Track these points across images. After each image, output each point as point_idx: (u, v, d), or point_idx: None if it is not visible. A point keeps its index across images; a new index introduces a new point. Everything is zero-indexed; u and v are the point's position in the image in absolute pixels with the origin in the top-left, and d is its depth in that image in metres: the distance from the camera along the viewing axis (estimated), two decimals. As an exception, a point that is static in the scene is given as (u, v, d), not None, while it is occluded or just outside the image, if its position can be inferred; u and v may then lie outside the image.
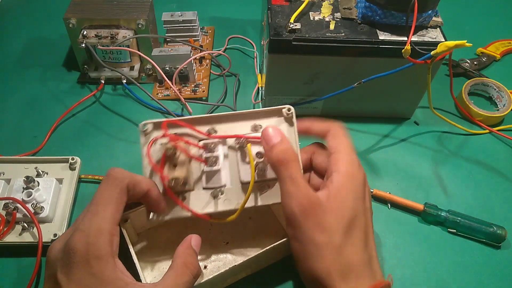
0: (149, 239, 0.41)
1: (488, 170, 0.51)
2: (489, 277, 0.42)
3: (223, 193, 0.37)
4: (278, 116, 0.38)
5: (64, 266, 0.29)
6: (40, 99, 0.56)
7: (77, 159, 0.46)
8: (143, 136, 0.36)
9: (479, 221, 0.45)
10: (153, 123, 0.36)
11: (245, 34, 0.66)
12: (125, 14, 0.54)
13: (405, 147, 0.53)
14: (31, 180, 0.42)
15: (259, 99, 0.55)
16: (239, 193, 0.37)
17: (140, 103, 0.56)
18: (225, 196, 0.37)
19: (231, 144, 0.37)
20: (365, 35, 0.46)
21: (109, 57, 0.55)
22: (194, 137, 0.37)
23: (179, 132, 0.37)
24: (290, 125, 0.38)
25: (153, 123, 0.36)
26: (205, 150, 0.36)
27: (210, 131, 0.37)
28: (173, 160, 0.35)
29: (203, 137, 0.37)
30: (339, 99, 0.51)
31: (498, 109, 0.57)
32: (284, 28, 0.47)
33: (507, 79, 0.60)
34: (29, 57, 0.62)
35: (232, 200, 0.37)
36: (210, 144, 0.36)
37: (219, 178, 0.37)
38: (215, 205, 0.37)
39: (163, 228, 0.42)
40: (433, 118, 0.56)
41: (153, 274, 0.40)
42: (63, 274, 0.29)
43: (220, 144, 0.37)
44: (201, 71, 0.60)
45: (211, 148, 0.36)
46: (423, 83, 0.50)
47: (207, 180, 0.37)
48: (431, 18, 0.48)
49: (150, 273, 0.40)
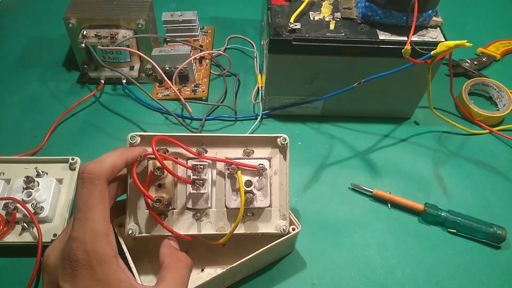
0: (145, 243, 0.41)
1: (488, 170, 0.51)
2: (489, 277, 0.42)
3: (206, 215, 0.36)
4: (272, 146, 0.37)
5: (66, 274, 0.29)
6: (40, 99, 0.56)
7: (77, 159, 0.46)
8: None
9: (479, 221, 0.45)
10: (141, 135, 0.35)
11: (245, 34, 0.66)
12: (125, 14, 0.54)
13: (405, 147, 0.53)
14: (31, 180, 0.42)
15: (259, 99, 0.55)
16: (222, 217, 0.37)
17: (140, 103, 0.56)
18: (208, 218, 0.36)
19: (220, 167, 0.36)
20: (365, 35, 0.46)
21: (109, 57, 0.55)
22: (182, 155, 0.36)
23: (168, 148, 0.36)
24: (283, 155, 0.37)
25: (141, 136, 0.35)
26: (193, 171, 0.35)
27: (200, 151, 0.35)
28: (159, 178, 0.35)
29: (192, 156, 0.36)
30: (339, 99, 0.51)
31: (498, 109, 0.57)
32: (284, 28, 0.46)
33: (507, 79, 0.60)
34: (29, 57, 0.62)
35: (214, 224, 0.37)
36: (199, 166, 0.34)
37: (204, 201, 0.36)
38: (198, 227, 0.36)
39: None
40: (433, 118, 0.56)
41: (149, 278, 0.39)
42: (66, 282, 0.29)
43: (209, 166, 0.36)
44: (201, 71, 0.60)
45: (200, 170, 0.34)
46: (423, 83, 0.50)
47: (192, 202, 0.36)
48: (431, 18, 0.48)
49: (146, 278, 0.39)
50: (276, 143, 0.37)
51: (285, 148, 0.37)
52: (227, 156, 0.36)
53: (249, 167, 0.35)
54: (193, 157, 0.36)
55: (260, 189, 0.36)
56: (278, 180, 0.37)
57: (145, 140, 0.36)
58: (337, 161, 0.51)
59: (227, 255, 0.41)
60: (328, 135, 0.54)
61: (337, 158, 0.51)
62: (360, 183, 0.48)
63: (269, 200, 0.37)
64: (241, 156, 0.37)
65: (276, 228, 0.37)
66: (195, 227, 0.36)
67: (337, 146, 0.53)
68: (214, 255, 0.41)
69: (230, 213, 0.37)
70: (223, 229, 0.36)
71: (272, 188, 0.37)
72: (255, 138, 0.37)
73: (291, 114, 0.55)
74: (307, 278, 0.41)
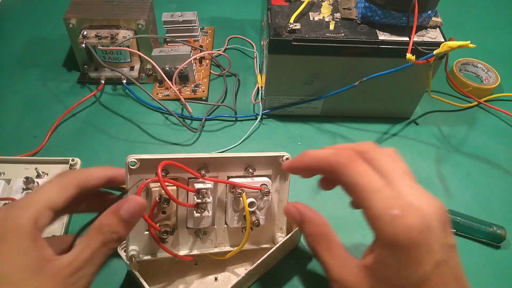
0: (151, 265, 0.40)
1: (488, 171, 0.51)
2: (489, 277, 0.42)
3: (206, 233, 0.36)
4: (274, 164, 0.36)
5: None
6: (40, 99, 0.56)
7: (77, 160, 0.46)
8: (129, 174, 0.32)
9: (478, 221, 0.45)
10: (141, 160, 0.32)
11: (245, 34, 0.66)
12: (125, 15, 0.54)
13: (405, 147, 0.53)
14: (30, 181, 0.42)
15: (259, 99, 0.56)
16: (223, 234, 0.37)
17: (140, 103, 0.56)
18: (208, 236, 0.37)
19: (222, 187, 0.36)
20: (364, 35, 0.47)
21: (109, 57, 0.55)
22: (182, 176, 0.34)
23: (170, 167, 0.33)
24: (285, 174, 0.37)
25: (141, 160, 0.32)
26: (196, 195, 0.34)
27: (202, 172, 0.34)
28: (161, 204, 0.33)
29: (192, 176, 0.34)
30: (339, 99, 0.51)
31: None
32: (284, 28, 0.47)
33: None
34: (29, 57, 0.62)
35: (215, 241, 0.37)
36: (204, 190, 0.33)
37: (206, 221, 0.35)
38: (198, 245, 0.37)
39: None
40: (432, 118, 0.56)
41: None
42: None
43: (212, 188, 0.34)
44: (201, 71, 0.60)
45: (203, 193, 0.33)
46: (423, 83, 0.51)
47: (194, 223, 0.35)
48: (430, 18, 0.48)
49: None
50: (279, 162, 0.36)
51: None
52: (229, 175, 0.36)
53: (253, 189, 0.35)
54: (193, 177, 0.34)
55: (262, 209, 0.36)
56: (277, 197, 0.38)
57: (146, 164, 0.32)
58: (337, 161, 0.51)
59: (238, 260, 0.41)
60: (328, 135, 0.54)
61: (337, 158, 0.51)
62: (360, 183, 0.48)
63: (269, 217, 0.37)
64: (242, 174, 0.36)
65: (273, 241, 0.38)
66: (196, 245, 0.36)
67: (337, 146, 0.53)
68: (223, 262, 0.40)
69: (230, 230, 0.37)
70: (222, 245, 0.37)
71: (272, 205, 0.37)
72: (258, 158, 0.36)
73: (291, 114, 0.55)
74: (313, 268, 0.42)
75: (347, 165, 0.26)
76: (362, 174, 0.26)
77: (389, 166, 0.26)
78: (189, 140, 0.52)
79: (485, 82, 0.61)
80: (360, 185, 0.25)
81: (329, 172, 0.28)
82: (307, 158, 0.30)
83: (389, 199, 0.24)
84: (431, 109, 0.58)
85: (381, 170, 0.26)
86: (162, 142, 0.52)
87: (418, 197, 0.25)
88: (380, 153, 0.27)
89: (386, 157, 0.27)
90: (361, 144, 0.28)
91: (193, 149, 0.51)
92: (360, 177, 0.26)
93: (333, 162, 0.27)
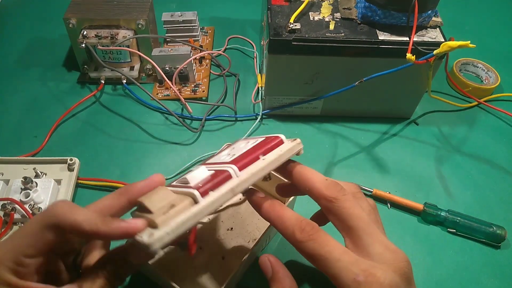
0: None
1: (488, 171, 0.51)
2: (489, 277, 0.42)
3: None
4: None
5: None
6: (40, 99, 0.56)
7: (76, 160, 0.46)
8: None
9: (478, 221, 0.45)
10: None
11: (245, 34, 0.66)
12: (125, 14, 0.54)
13: (405, 147, 0.53)
14: (29, 181, 0.42)
15: (259, 99, 0.56)
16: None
17: (140, 103, 0.56)
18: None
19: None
20: (364, 35, 0.47)
21: (109, 57, 0.55)
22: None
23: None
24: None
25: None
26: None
27: None
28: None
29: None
30: (339, 99, 0.51)
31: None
32: (284, 28, 0.47)
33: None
34: (29, 57, 0.62)
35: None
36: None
37: None
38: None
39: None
40: (432, 118, 0.56)
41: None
42: None
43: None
44: (201, 71, 0.60)
45: None
46: (423, 83, 0.51)
47: None
48: (430, 18, 0.48)
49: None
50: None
51: None
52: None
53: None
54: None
55: None
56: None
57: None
58: (336, 161, 0.51)
59: (239, 237, 0.41)
60: (327, 135, 0.54)
61: (336, 158, 0.51)
62: (359, 183, 0.48)
63: None
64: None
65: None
66: None
67: (337, 146, 0.53)
68: (226, 240, 0.41)
69: None
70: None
71: None
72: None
73: (291, 114, 0.55)
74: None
75: (310, 239, 0.27)
76: (324, 243, 0.27)
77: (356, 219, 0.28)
78: (189, 140, 0.52)
79: (485, 82, 0.62)
80: (322, 255, 0.27)
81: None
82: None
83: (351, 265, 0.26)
84: (431, 109, 0.58)
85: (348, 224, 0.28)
86: (162, 142, 0.52)
87: (381, 256, 0.26)
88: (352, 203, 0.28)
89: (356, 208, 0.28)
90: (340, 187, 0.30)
91: (193, 149, 0.51)
92: (322, 248, 0.27)
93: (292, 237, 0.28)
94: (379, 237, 0.27)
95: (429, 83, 0.48)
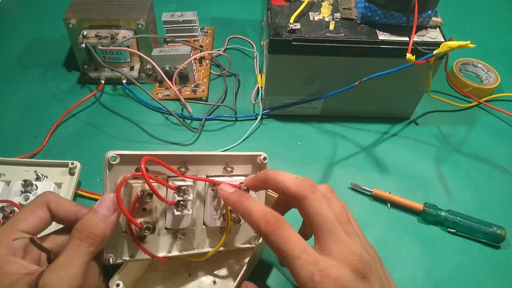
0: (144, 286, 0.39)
1: (488, 171, 0.51)
2: (489, 277, 0.42)
3: (184, 234, 0.35)
4: (252, 163, 0.36)
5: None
6: (40, 99, 0.56)
7: (77, 163, 0.46)
8: (108, 169, 0.31)
9: (478, 221, 0.45)
10: (121, 155, 0.31)
11: (245, 34, 0.66)
12: (125, 14, 0.54)
13: (405, 147, 0.53)
14: (29, 183, 0.42)
15: (259, 99, 0.56)
16: (201, 235, 0.36)
17: (140, 103, 0.56)
18: (186, 237, 0.35)
19: (201, 186, 0.35)
20: (364, 35, 0.47)
21: (109, 57, 0.55)
22: (161, 172, 0.33)
23: (149, 167, 0.32)
24: None
25: (121, 156, 0.31)
26: (177, 192, 0.32)
27: (183, 170, 0.33)
28: (144, 203, 0.32)
29: (173, 174, 0.33)
30: (339, 99, 0.52)
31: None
32: (284, 28, 0.47)
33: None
34: (29, 57, 0.62)
35: (193, 242, 0.36)
36: (184, 187, 0.32)
37: (185, 221, 0.34)
38: (176, 246, 0.35)
39: (151, 273, 0.40)
40: (432, 118, 0.56)
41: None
42: None
43: (192, 186, 0.33)
44: (201, 71, 0.60)
45: (184, 191, 0.32)
46: (423, 83, 0.51)
47: (174, 223, 0.34)
48: (430, 18, 0.48)
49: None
50: (256, 161, 0.36)
51: (264, 166, 0.36)
52: (207, 173, 0.35)
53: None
54: (173, 175, 0.33)
55: None
56: (256, 196, 0.37)
57: (126, 160, 0.31)
58: (336, 161, 0.51)
59: (230, 259, 0.41)
60: (327, 135, 0.54)
61: (336, 157, 0.51)
62: (359, 182, 0.48)
63: None
64: (221, 174, 0.36)
65: (250, 241, 0.38)
66: (173, 247, 0.35)
67: (337, 146, 0.53)
68: (215, 265, 0.40)
69: (208, 230, 0.36)
70: (200, 246, 0.36)
71: None
72: (236, 157, 0.36)
73: (291, 114, 0.55)
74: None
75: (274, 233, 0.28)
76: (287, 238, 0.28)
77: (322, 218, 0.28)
78: (189, 140, 0.52)
79: (485, 82, 0.62)
80: (284, 251, 0.27)
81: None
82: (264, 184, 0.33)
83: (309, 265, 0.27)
84: (431, 109, 0.58)
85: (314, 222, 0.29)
86: (162, 142, 0.52)
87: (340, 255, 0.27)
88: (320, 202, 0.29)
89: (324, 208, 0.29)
90: (310, 183, 0.30)
91: (193, 149, 0.51)
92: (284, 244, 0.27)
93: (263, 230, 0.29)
94: (341, 237, 0.28)
95: (429, 83, 0.48)
